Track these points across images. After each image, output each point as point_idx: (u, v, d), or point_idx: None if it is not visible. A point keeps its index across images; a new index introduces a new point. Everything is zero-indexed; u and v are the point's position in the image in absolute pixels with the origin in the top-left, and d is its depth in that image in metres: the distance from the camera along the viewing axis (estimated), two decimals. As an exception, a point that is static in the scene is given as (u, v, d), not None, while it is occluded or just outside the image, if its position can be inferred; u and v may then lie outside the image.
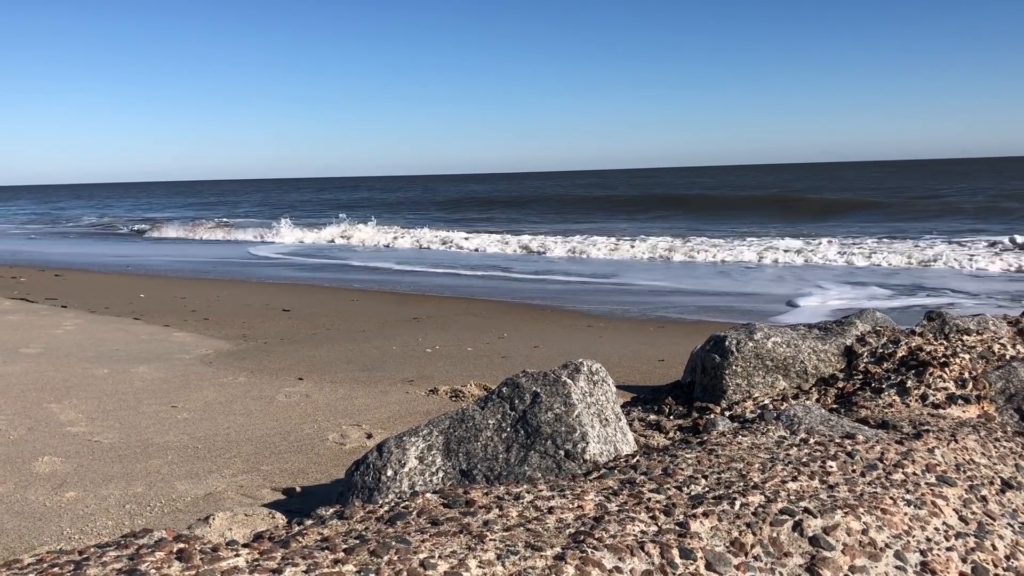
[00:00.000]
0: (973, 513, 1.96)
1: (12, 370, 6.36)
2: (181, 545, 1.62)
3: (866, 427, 2.57)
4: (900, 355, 3.23)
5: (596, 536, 1.66)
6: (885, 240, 19.58)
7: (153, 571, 1.50)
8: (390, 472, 2.41)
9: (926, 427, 2.51)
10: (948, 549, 1.80)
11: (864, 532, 1.77)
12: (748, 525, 1.75)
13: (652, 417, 3.25)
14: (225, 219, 35.76)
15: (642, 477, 2.07)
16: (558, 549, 1.59)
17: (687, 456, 2.23)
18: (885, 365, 3.20)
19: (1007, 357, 3.18)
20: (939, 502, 1.95)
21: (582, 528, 1.71)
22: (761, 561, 1.66)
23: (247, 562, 1.53)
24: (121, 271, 16.11)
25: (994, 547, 1.85)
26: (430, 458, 2.45)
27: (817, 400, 3.08)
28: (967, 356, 3.14)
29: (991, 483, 2.14)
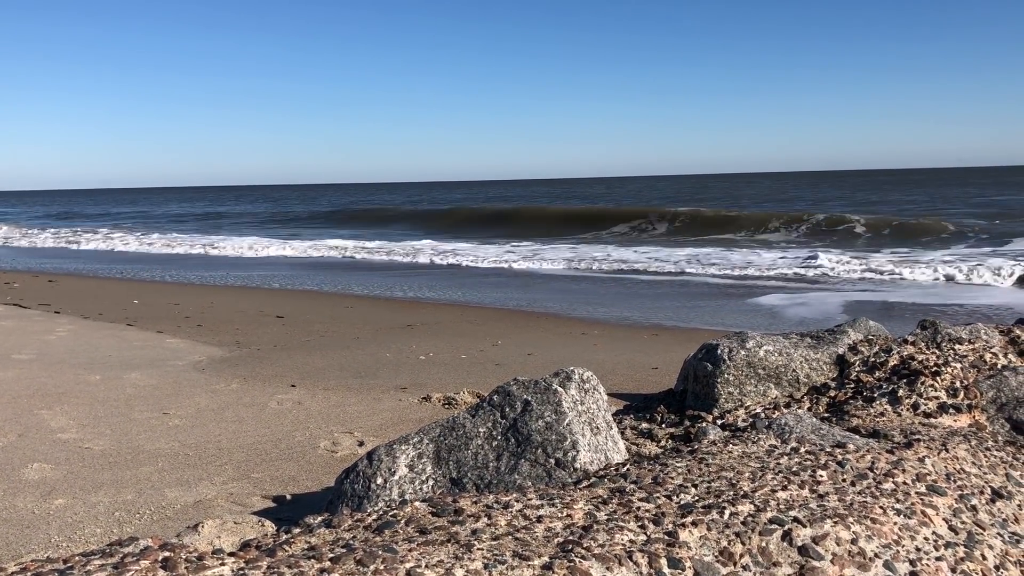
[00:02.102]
0: (963, 523, 1.95)
1: (3, 376, 6.33)
2: (167, 554, 1.60)
3: (857, 436, 2.57)
4: (892, 364, 3.24)
5: (584, 545, 1.65)
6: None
7: (137, 580, 1.49)
8: (380, 480, 2.40)
9: (917, 436, 2.51)
10: (938, 559, 1.79)
11: (853, 542, 1.77)
12: (737, 534, 1.74)
13: (644, 425, 3.25)
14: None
15: (632, 486, 2.06)
16: (546, 559, 1.58)
17: (677, 465, 2.22)
18: (877, 374, 3.20)
19: (998, 366, 3.18)
20: (929, 511, 1.95)
21: (571, 537, 1.70)
22: (750, 571, 1.66)
23: (232, 571, 1.52)
24: (117, 278, 16.07)
25: (984, 557, 1.84)
26: (420, 466, 2.44)
27: (809, 409, 3.08)
28: (959, 365, 3.14)
29: (981, 492, 2.14)
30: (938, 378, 3.04)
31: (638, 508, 1.88)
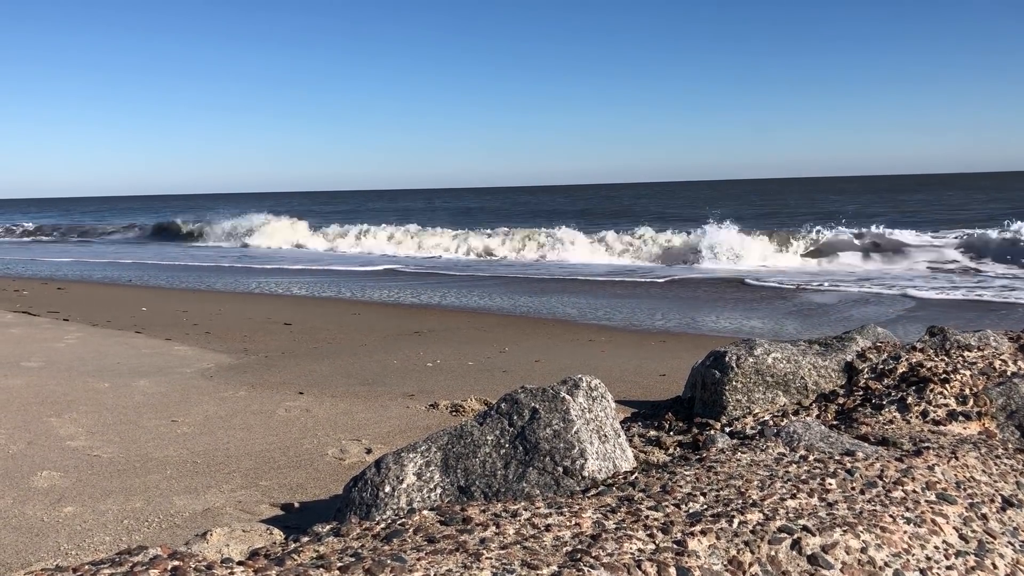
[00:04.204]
0: (973, 531, 1.95)
1: (13, 384, 6.36)
2: (176, 563, 1.61)
3: (866, 444, 2.56)
4: (901, 371, 3.22)
5: (593, 554, 1.65)
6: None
7: (147, 589, 1.49)
8: (388, 488, 2.40)
9: (926, 444, 2.50)
10: (948, 568, 1.78)
11: (863, 551, 1.76)
12: (746, 543, 1.74)
13: (652, 433, 3.24)
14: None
15: (640, 494, 2.06)
16: (554, 568, 1.58)
17: (686, 473, 2.22)
18: (886, 381, 3.19)
19: (1008, 373, 3.16)
20: (939, 520, 1.94)
21: (579, 546, 1.70)
22: (759, 580, 1.65)
23: (241, 580, 1.53)
24: (124, 284, 16.13)
25: (994, 566, 1.83)
26: (428, 474, 2.44)
27: (817, 416, 3.07)
28: (968, 372, 3.13)
29: (992, 501, 2.13)
30: (947, 385, 3.03)
31: (646, 517, 1.87)
